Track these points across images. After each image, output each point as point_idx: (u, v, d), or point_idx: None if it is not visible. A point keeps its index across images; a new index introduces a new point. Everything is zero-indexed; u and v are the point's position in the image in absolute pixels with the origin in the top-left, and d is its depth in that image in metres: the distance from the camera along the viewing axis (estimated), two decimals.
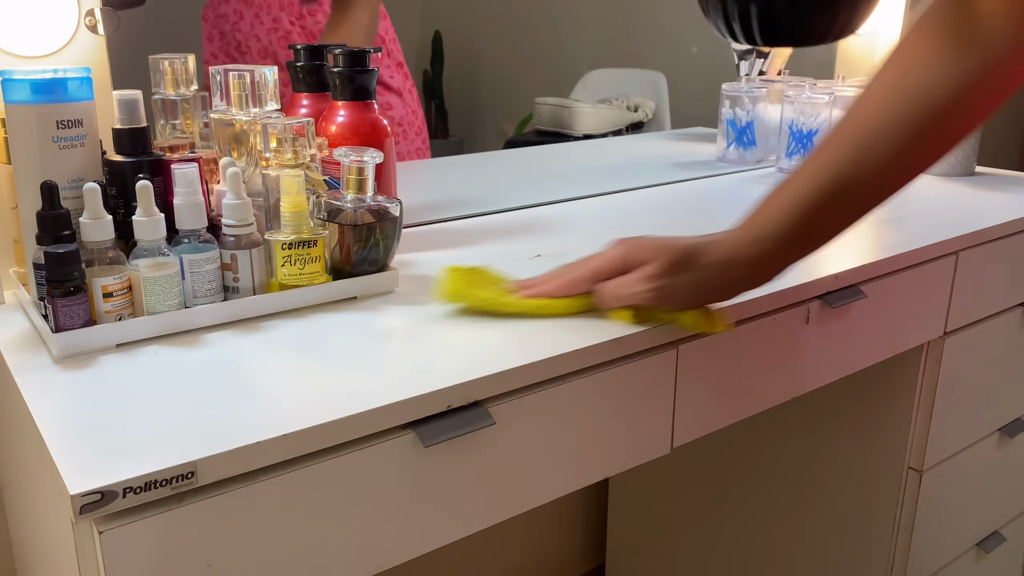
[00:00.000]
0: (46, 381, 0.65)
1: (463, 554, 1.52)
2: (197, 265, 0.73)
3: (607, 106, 1.74)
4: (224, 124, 0.81)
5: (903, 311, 1.02)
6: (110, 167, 0.75)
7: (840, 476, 1.25)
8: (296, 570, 0.60)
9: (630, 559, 1.65)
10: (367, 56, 0.89)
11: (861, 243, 1.01)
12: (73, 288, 0.67)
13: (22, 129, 0.72)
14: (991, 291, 1.15)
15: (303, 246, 0.77)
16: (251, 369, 0.66)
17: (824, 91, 1.38)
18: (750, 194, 1.25)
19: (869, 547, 1.23)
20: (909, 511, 1.18)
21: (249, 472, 0.56)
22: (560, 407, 0.71)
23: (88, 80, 0.74)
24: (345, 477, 0.60)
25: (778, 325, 0.87)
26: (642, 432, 0.78)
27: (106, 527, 0.52)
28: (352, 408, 0.60)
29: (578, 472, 0.74)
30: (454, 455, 0.65)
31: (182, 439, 0.56)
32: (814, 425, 1.28)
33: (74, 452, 0.54)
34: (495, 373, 0.66)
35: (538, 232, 1.04)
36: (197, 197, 0.73)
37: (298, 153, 0.79)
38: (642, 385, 0.76)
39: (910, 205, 1.19)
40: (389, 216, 0.81)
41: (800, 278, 0.87)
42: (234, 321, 0.76)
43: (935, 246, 1.01)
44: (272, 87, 0.82)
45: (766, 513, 1.38)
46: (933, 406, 1.14)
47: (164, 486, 0.53)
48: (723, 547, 1.46)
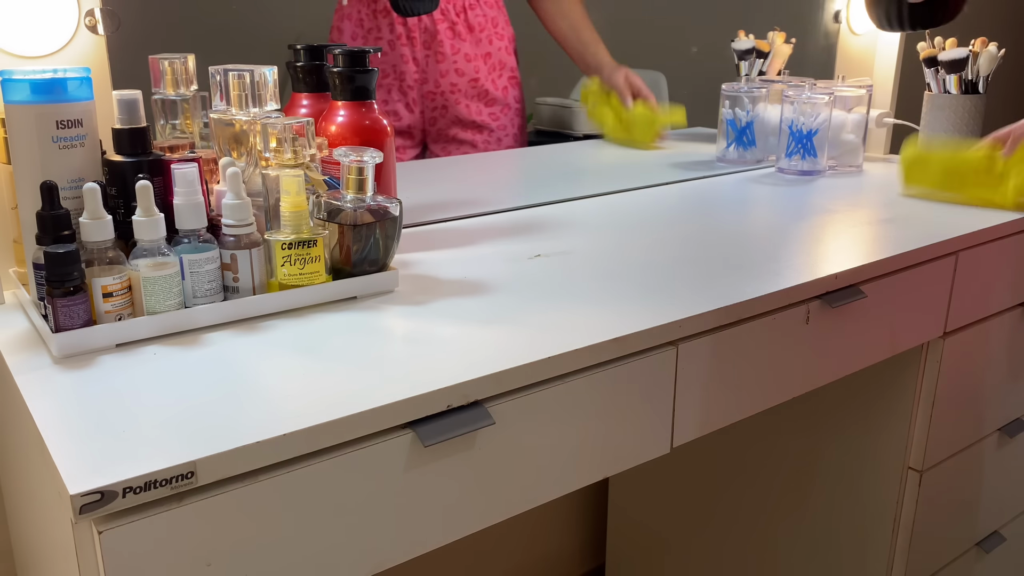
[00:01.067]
0: (46, 381, 0.65)
1: (463, 554, 1.52)
2: (197, 265, 0.73)
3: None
4: (224, 124, 0.81)
5: (903, 311, 1.02)
6: (110, 167, 0.75)
7: (840, 476, 1.25)
8: (296, 570, 0.60)
9: (630, 559, 1.65)
10: (367, 56, 0.90)
11: (861, 243, 1.01)
12: (73, 288, 0.67)
13: (22, 129, 0.72)
14: (991, 291, 1.15)
15: (303, 246, 0.77)
16: (251, 369, 0.66)
17: (824, 91, 1.38)
18: (750, 194, 1.25)
19: (869, 547, 1.23)
20: (909, 511, 1.18)
21: (249, 472, 0.56)
22: (560, 407, 0.71)
23: (88, 80, 0.74)
24: (345, 477, 0.60)
25: (778, 325, 0.87)
26: (642, 432, 0.78)
27: (106, 527, 0.52)
28: (352, 408, 0.60)
29: (578, 472, 0.74)
30: (454, 455, 0.66)
31: (182, 439, 0.56)
32: (814, 425, 1.28)
33: (74, 452, 0.54)
34: (495, 373, 0.66)
35: (538, 232, 1.04)
36: (197, 197, 0.73)
37: (298, 153, 0.79)
38: (642, 385, 0.76)
39: (910, 205, 1.19)
40: (389, 216, 0.81)
41: (800, 278, 0.87)
42: (234, 321, 0.76)
43: (935, 246, 1.01)
44: (272, 87, 0.82)
45: (766, 513, 1.38)
46: (933, 406, 1.14)
47: (164, 486, 0.53)
48: (723, 547, 1.46)
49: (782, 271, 0.90)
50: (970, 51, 1.34)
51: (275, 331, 0.74)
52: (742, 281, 0.86)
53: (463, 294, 0.83)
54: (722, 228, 1.05)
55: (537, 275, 0.88)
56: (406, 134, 1.47)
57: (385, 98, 1.43)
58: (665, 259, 0.93)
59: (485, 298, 0.82)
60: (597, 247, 0.98)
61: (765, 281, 0.86)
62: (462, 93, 1.46)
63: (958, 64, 1.35)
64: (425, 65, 1.43)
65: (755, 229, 1.05)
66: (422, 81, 1.44)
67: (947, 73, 1.36)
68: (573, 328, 0.74)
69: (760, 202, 1.19)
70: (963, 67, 1.35)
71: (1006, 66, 1.43)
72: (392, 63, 1.42)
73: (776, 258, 0.94)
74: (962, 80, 1.36)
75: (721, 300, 0.81)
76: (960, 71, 1.35)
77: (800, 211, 1.15)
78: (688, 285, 0.85)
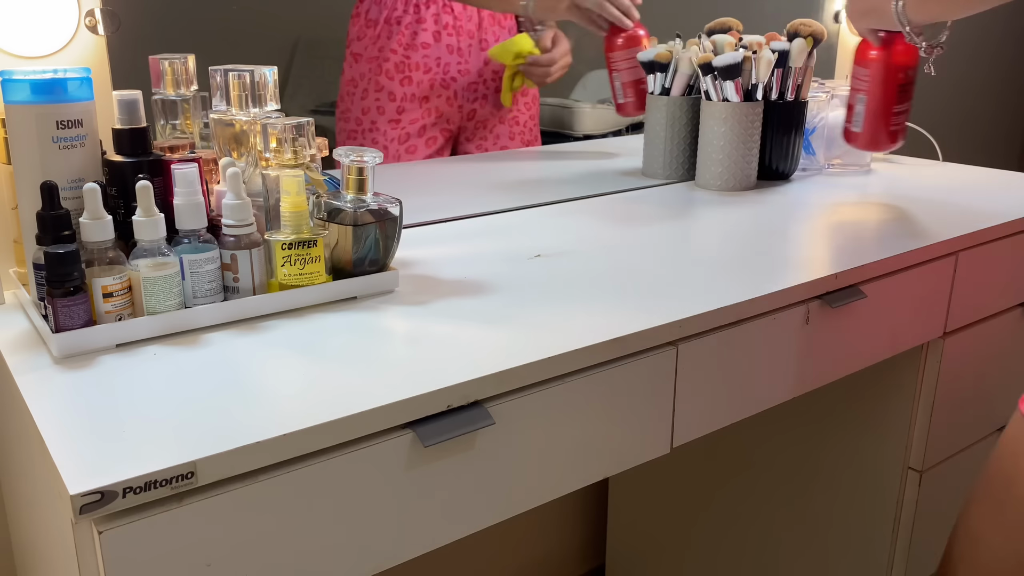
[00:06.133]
0: (46, 381, 0.65)
1: (463, 554, 1.52)
2: (197, 265, 0.73)
3: (607, 106, 1.74)
4: (224, 124, 0.81)
5: (903, 311, 1.02)
6: (110, 167, 0.75)
7: (840, 476, 1.25)
8: (296, 569, 0.60)
9: (630, 559, 1.65)
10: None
11: (861, 243, 1.01)
12: (73, 288, 0.67)
13: (22, 129, 0.72)
14: (991, 291, 1.15)
15: (303, 246, 0.77)
16: (251, 369, 0.66)
17: (824, 90, 1.38)
18: (749, 193, 1.25)
19: (869, 547, 1.24)
20: (909, 511, 1.18)
21: (249, 472, 0.56)
22: (560, 407, 0.71)
23: (88, 80, 0.74)
24: (345, 477, 0.61)
25: (778, 325, 0.87)
26: (642, 432, 0.78)
27: (106, 527, 0.52)
28: (352, 408, 0.60)
29: (578, 472, 0.74)
30: (454, 455, 0.66)
31: (182, 439, 0.56)
32: (814, 425, 1.28)
33: (74, 452, 0.54)
34: (495, 373, 0.66)
35: (538, 232, 1.04)
36: (197, 197, 0.73)
37: (298, 153, 0.79)
38: (642, 385, 0.76)
39: (910, 205, 1.19)
40: (389, 216, 0.81)
41: (800, 278, 0.87)
42: (234, 321, 0.76)
43: (935, 246, 1.02)
44: (272, 87, 0.82)
45: (766, 513, 1.38)
46: (933, 406, 1.14)
47: (164, 486, 0.53)
48: (723, 547, 1.46)
49: (782, 271, 0.90)
50: (744, 55, 1.20)
51: (275, 331, 0.74)
52: (742, 281, 0.86)
53: (463, 294, 0.83)
54: (721, 227, 1.05)
55: (537, 275, 0.88)
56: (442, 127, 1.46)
57: (426, 94, 1.42)
58: (665, 258, 0.93)
59: (485, 298, 0.82)
60: (597, 247, 0.98)
61: (765, 281, 0.86)
62: (501, 83, 1.45)
63: (733, 70, 1.20)
64: (468, 54, 1.43)
65: (754, 228, 1.05)
66: (462, 72, 1.43)
67: (723, 79, 1.21)
68: (573, 328, 0.74)
69: (759, 201, 1.19)
70: (738, 72, 1.20)
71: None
72: (436, 55, 1.41)
73: (776, 258, 0.94)
74: (742, 87, 1.21)
75: (721, 300, 0.81)
76: (736, 77, 1.20)
77: (800, 210, 1.15)
78: (688, 285, 0.85)
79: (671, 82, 1.29)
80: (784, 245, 0.99)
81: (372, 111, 1.40)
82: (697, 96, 1.29)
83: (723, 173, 1.24)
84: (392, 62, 1.39)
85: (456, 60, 1.41)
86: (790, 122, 1.28)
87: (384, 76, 1.39)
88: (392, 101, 1.40)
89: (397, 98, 1.39)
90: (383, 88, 1.39)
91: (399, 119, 1.40)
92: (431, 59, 1.40)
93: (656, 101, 1.31)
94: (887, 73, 1.14)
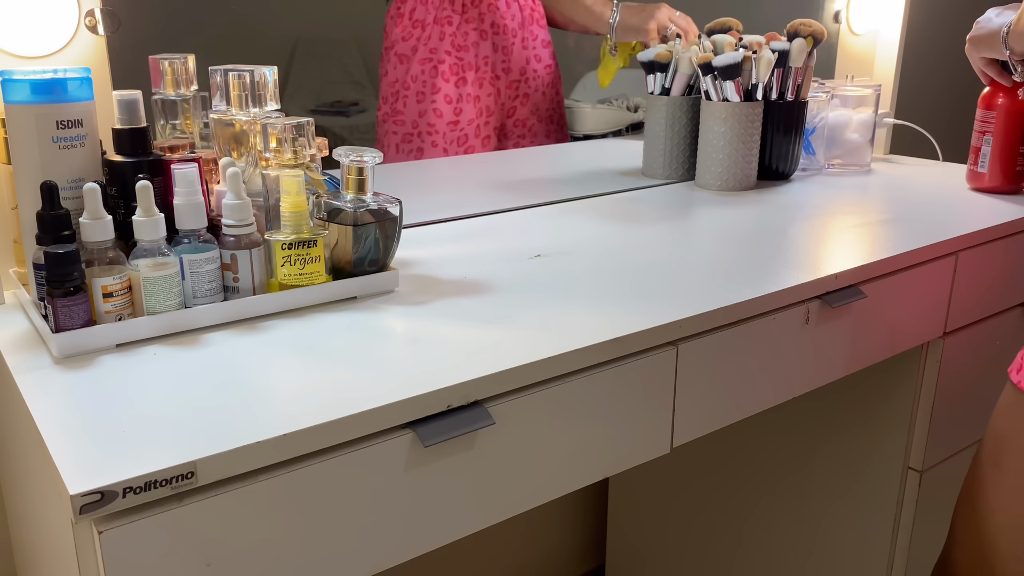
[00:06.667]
0: (46, 381, 0.65)
1: (463, 554, 1.52)
2: (197, 265, 0.73)
3: (607, 106, 1.74)
4: (224, 124, 0.81)
5: (903, 311, 1.02)
6: (110, 167, 0.75)
7: (840, 476, 1.25)
8: (296, 569, 0.60)
9: (630, 559, 1.65)
10: None
11: (861, 243, 1.01)
12: (73, 288, 0.67)
13: (22, 129, 0.72)
14: (991, 291, 1.15)
15: (303, 246, 0.77)
16: (251, 369, 0.66)
17: (824, 90, 1.38)
18: (749, 193, 1.25)
19: (869, 547, 1.24)
20: (909, 511, 1.18)
21: (249, 472, 0.56)
22: (560, 407, 0.71)
23: (88, 80, 0.74)
24: (345, 477, 0.61)
25: (778, 325, 0.87)
26: (642, 432, 0.78)
27: (106, 527, 0.52)
28: (352, 408, 0.60)
29: (578, 472, 0.74)
30: (454, 455, 0.66)
31: (182, 439, 0.56)
32: (814, 425, 1.28)
33: (74, 452, 0.54)
34: (495, 373, 0.66)
35: (539, 232, 1.04)
36: (197, 197, 0.73)
37: (298, 153, 0.79)
38: (642, 385, 0.76)
39: (910, 205, 1.19)
40: (389, 216, 0.81)
41: (800, 278, 0.87)
42: (234, 321, 0.76)
43: (935, 246, 1.02)
44: (272, 87, 0.82)
45: (766, 513, 1.38)
46: (933, 406, 1.14)
47: (164, 486, 0.53)
48: (723, 547, 1.46)
49: (782, 271, 0.90)
50: (744, 55, 1.20)
51: (275, 331, 0.74)
52: (742, 281, 0.86)
53: (463, 294, 0.83)
54: (721, 227, 1.05)
55: (537, 275, 0.88)
56: (493, 125, 1.46)
57: (478, 93, 1.41)
58: (665, 259, 0.93)
59: (485, 298, 0.82)
60: (598, 247, 0.98)
61: (765, 281, 0.86)
62: (540, 80, 1.45)
63: (733, 70, 1.20)
64: (511, 52, 1.43)
65: (754, 228, 1.05)
66: (506, 70, 1.43)
67: (723, 79, 1.21)
68: (573, 328, 0.74)
69: (759, 201, 1.19)
70: (738, 72, 1.20)
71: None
72: (485, 54, 1.41)
73: (776, 258, 0.94)
74: (741, 87, 1.21)
75: (721, 300, 0.81)
76: (736, 77, 1.20)
77: (800, 210, 1.15)
78: (688, 285, 0.85)
79: (671, 82, 1.29)
80: (784, 245, 0.99)
81: (429, 113, 1.40)
82: (697, 96, 1.29)
83: (723, 173, 1.25)
84: (447, 64, 1.38)
85: (501, 59, 1.42)
86: (790, 122, 1.28)
87: (440, 78, 1.38)
88: (449, 103, 1.39)
89: (454, 100, 1.40)
90: (439, 90, 1.39)
91: (457, 120, 1.41)
92: (480, 58, 1.40)
93: (656, 101, 1.31)
94: (1013, 117, 1.23)
